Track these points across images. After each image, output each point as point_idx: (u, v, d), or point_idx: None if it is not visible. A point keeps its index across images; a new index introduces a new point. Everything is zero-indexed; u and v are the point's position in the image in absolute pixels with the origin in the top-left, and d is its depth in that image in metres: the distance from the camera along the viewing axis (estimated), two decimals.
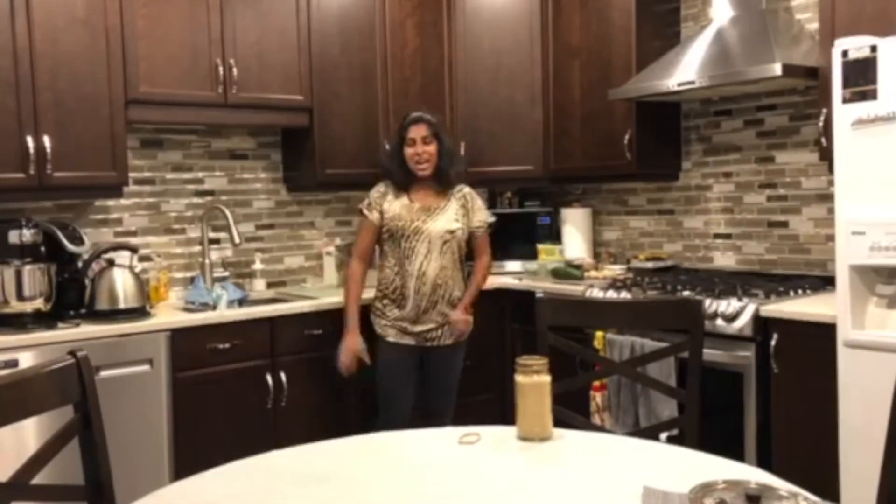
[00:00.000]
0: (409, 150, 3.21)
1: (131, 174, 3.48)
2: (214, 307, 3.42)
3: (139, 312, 3.14)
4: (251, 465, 1.78)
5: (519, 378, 1.91)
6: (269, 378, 3.28)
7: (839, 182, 2.55)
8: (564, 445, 1.85)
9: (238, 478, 1.71)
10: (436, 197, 3.27)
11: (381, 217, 3.23)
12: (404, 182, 3.25)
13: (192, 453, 3.08)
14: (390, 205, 3.23)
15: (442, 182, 3.26)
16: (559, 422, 1.95)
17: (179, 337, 3.09)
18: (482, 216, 3.36)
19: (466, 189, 3.35)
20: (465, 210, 3.30)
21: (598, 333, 3.32)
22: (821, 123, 3.01)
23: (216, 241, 3.81)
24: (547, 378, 1.91)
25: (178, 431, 3.08)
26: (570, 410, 2.19)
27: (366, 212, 3.26)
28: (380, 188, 3.30)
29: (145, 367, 3.01)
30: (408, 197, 3.25)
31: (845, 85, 2.49)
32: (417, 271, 3.18)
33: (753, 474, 1.54)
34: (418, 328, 3.24)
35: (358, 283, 3.26)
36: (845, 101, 2.49)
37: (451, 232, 3.22)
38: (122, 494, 2.82)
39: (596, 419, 3.29)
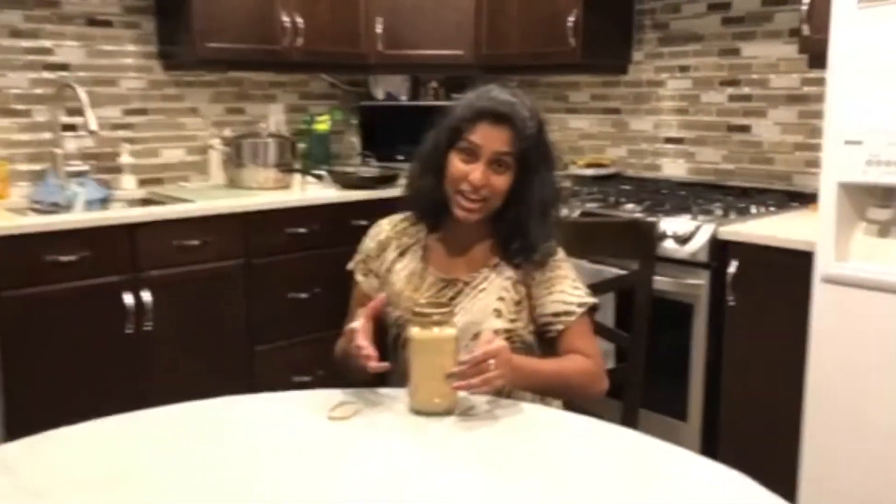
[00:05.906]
0: (456, 166, 1.58)
1: None
2: (69, 208, 2.82)
3: None
4: None
5: (414, 332, 1.39)
6: (128, 298, 2.69)
7: (833, 78, 2.03)
8: (476, 424, 1.35)
9: None
10: (474, 259, 1.66)
11: (377, 283, 1.71)
12: (433, 219, 1.69)
13: (29, 394, 2.49)
14: (392, 266, 1.70)
15: (503, 243, 1.64)
16: None
17: (8, 245, 2.45)
18: (568, 291, 1.61)
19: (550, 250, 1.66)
20: (523, 288, 1.62)
21: None
22: (804, 6, 2.48)
23: (72, 128, 3.12)
24: (451, 332, 1.39)
25: (7, 366, 2.47)
26: None
27: (357, 276, 1.74)
28: (382, 227, 1.75)
29: None
30: (423, 253, 1.69)
31: None
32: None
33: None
34: None
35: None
36: None
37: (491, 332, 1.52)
38: None
39: None
